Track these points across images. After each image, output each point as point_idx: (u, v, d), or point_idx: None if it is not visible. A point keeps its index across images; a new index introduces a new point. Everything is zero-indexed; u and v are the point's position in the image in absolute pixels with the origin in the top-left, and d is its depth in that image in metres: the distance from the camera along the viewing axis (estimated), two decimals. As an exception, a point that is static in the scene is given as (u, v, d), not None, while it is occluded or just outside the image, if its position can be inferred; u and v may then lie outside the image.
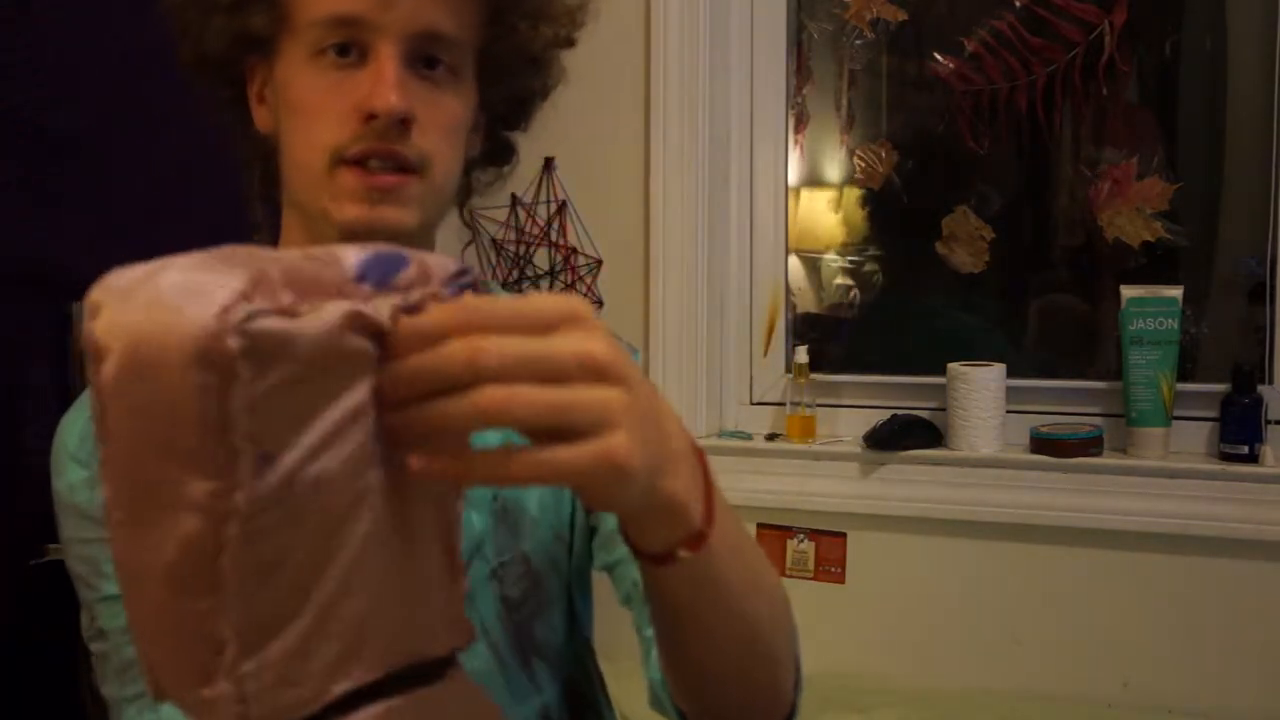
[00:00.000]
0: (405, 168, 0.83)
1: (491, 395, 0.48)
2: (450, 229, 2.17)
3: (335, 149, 0.82)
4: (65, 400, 0.91)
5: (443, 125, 0.85)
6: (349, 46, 0.82)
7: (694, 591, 0.65)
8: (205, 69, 0.90)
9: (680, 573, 0.62)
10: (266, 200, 0.95)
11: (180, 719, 0.57)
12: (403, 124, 0.82)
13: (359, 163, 0.82)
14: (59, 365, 1.56)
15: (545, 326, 0.51)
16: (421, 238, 0.89)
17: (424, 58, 0.84)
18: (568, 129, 2.07)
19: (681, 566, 0.62)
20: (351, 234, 0.84)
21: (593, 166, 2.15)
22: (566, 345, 0.51)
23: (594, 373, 0.51)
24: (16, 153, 1.53)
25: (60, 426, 0.89)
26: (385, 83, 0.81)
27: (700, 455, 0.63)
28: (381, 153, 0.82)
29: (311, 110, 0.84)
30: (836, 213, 2.23)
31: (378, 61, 0.82)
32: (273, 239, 0.94)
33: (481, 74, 0.89)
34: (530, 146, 1.04)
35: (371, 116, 0.81)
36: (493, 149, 0.98)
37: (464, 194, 0.98)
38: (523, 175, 2.16)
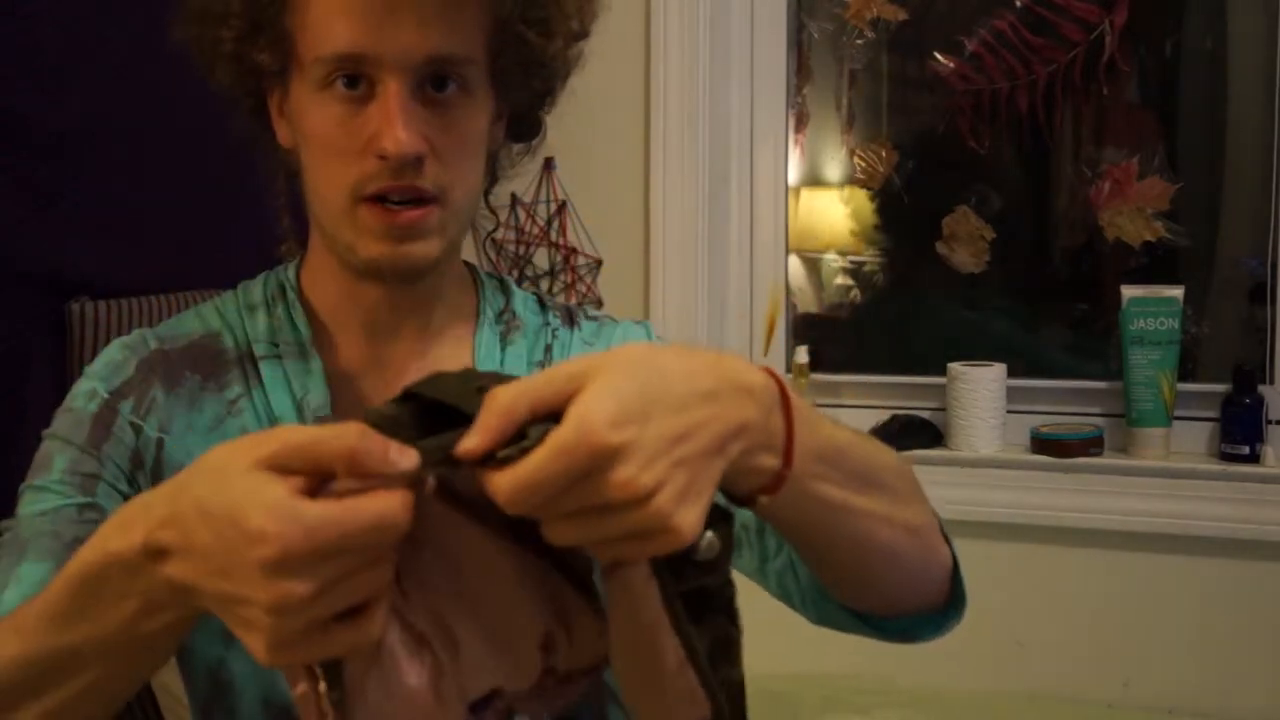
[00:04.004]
0: (424, 199, 0.84)
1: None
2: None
3: (353, 187, 0.83)
4: (64, 400, 0.92)
5: (458, 149, 0.85)
6: (356, 79, 0.83)
7: (794, 512, 0.70)
8: (221, 91, 0.91)
9: (771, 504, 0.68)
10: (294, 213, 0.96)
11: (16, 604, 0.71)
12: (416, 160, 0.82)
13: (378, 199, 0.83)
14: (57, 365, 1.55)
15: (583, 475, 0.57)
16: (445, 263, 0.90)
17: (434, 81, 0.83)
18: (568, 129, 2.05)
19: (764, 506, 0.68)
20: (377, 269, 0.85)
21: (593, 166, 2.15)
22: (603, 495, 0.58)
23: (631, 503, 0.58)
24: (15, 152, 1.53)
25: (100, 353, 0.93)
26: (393, 123, 0.81)
27: (779, 386, 0.67)
28: (399, 190, 0.83)
29: (326, 146, 0.84)
30: (836, 213, 2.22)
31: (385, 97, 0.81)
32: (300, 247, 0.96)
33: (496, 82, 0.89)
34: (530, 147, 1.04)
35: (384, 157, 0.81)
36: (518, 129, 0.98)
37: (489, 179, 0.97)
38: (523, 175, 2.15)
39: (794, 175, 2.20)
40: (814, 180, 2.23)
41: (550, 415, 0.58)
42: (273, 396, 0.89)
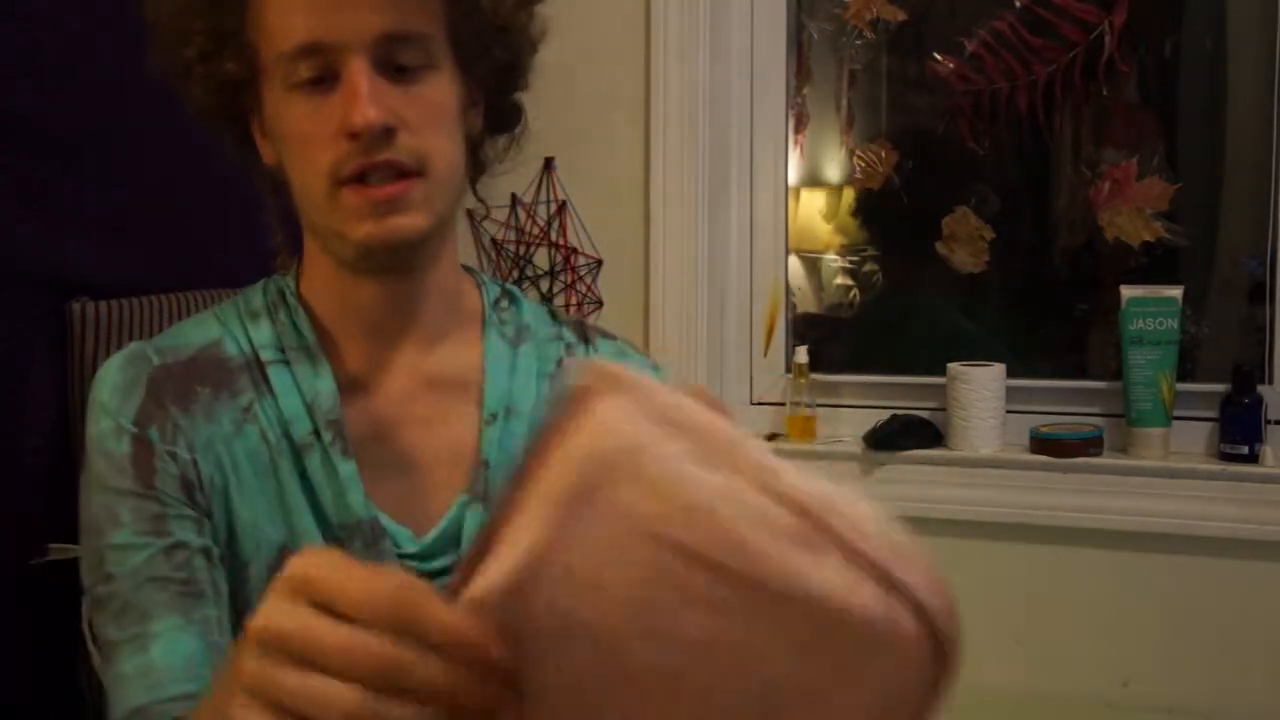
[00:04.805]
0: (404, 173, 0.84)
1: None
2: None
3: (331, 172, 0.84)
4: (64, 400, 0.92)
5: (429, 119, 0.86)
6: (320, 72, 0.84)
7: None
8: (205, 118, 0.93)
9: None
10: (288, 226, 0.96)
11: (170, 661, 0.72)
12: (387, 133, 0.83)
13: (358, 179, 0.84)
14: (57, 365, 1.55)
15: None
16: (437, 237, 0.90)
17: (395, 58, 0.85)
18: (568, 129, 2.07)
19: None
20: (367, 250, 0.86)
21: (593, 166, 2.15)
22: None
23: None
24: (15, 152, 1.53)
25: (98, 375, 0.91)
26: (358, 98, 0.82)
27: None
28: (377, 165, 0.84)
29: (301, 138, 0.86)
30: (836, 213, 2.23)
31: (348, 78, 0.83)
32: (296, 256, 0.96)
33: (459, 54, 0.90)
34: (530, 147, 1.04)
35: (354, 135, 0.82)
36: (497, 116, 0.98)
37: (476, 170, 0.98)
38: (523, 175, 2.16)
39: (794, 175, 2.20)
40: (814, 180, 2.23)
41: None
42: (283, 401, 0.90)
